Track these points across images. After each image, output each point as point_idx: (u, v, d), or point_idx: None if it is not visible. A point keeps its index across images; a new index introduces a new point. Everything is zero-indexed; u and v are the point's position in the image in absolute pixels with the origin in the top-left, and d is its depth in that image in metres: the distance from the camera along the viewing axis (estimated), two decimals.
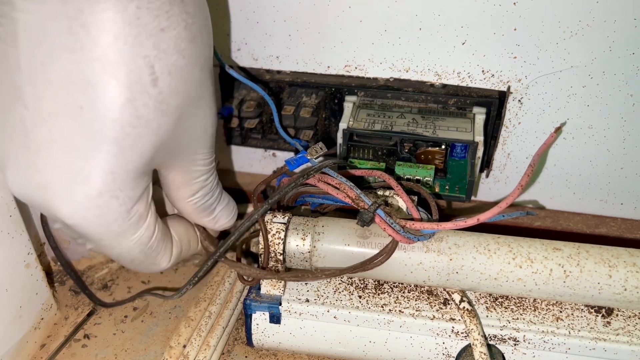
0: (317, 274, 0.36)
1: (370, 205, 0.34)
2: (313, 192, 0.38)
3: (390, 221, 0.34)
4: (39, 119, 0.28)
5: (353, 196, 0.35)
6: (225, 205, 0.38)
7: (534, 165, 0.36)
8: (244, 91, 0.46)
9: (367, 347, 0.39)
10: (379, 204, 0.34)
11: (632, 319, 0.37)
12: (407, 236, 0.34)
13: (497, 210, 0.33)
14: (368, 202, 0.35)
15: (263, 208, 0.36)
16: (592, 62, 0.39)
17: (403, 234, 0.34)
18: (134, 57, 0.27)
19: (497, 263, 0.35)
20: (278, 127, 0.44)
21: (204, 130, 0.33)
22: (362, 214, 0.34)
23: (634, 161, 0.44)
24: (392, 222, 0.34)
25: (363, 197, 0.35)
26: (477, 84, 0.42)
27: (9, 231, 0.38)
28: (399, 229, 0.34)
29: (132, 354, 0.41)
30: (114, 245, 0.32)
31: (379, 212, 0.34)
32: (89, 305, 0.45)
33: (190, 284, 0.38)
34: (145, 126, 0.29)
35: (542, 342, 0.37)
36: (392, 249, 0.35)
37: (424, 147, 0.42)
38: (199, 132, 0.33)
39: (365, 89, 0.43)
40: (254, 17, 0.43)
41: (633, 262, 0.35)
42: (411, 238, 0.34)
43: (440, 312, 0.38)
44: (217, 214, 0.38)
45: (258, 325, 0.39)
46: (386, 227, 0.34)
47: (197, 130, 0.33)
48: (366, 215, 0.34)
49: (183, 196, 0.35)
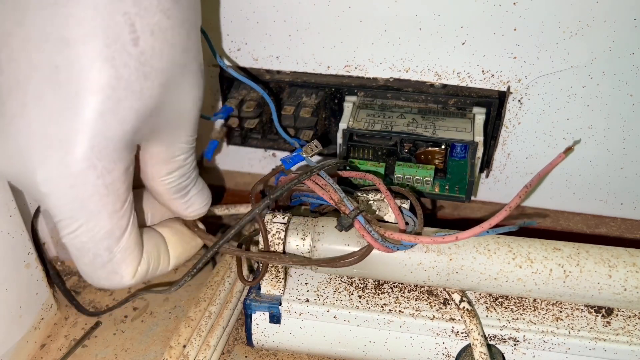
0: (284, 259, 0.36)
1: (351, 211, 0.34)
2: (304, 191, 0.38)
3: (370, 229, 0.34)
4: (13, 83, 0.27)
5: (336, 199, 0.35)
6: (199, 191, 0.36)
7: (529, 187, 0.34)
8: (244, 91, 0.46)
9: (367, 347, 0.39)
10: (360, 210, 0.34)
11: (632, 319, 0.37)
12: (385, 245, 0.34)
13: (478, 230, 0.32)
14: (350, 207, 0.35)
15: (264, 204, 0.36)
16: (592, 62, 0.39)
17: (381, 242, 0.34)
18: (112, 14, 0.26)
19: (497, 263, 0.35)
20: (277, 126, 0.44)
21: (191, 103, 0.32)
22: (342, 218, 0.34)
23: (634, 161, 0.44)
24: (371, 230, 0.34)
25: (346, 202, 0.35)
26: (477, 84, 0.42)
27: (9, 231, 0.38)
28: (377, 237, 0.34)
29: (132, 354, 0.41)
30: (84, 228, 0.29)
31: (359, 219, 0.34)
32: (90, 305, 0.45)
33: (189, 275, 0.37)
34: (126, 88, 0.27)
35: (542, 342, 0.37)
36: (365, 254, 0.35)
37: (424, 147, 0.42)
38: (185, 106, 0.31)
39: (365, 89, 0.43)
40: (254, 17, 0.43)
41: (633, 262, 0.35)
42: (390, 247, 0.35)
43: (440, 312, 0.38)
44: (191, 198, 0.36)
45: (258, 325, 0.39)
46: (365, 234, 0.34)
47: (183, 103, 0.31)
48: (345, 220, 0.34)
49: (159, 174, 0.33)
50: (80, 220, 0.29)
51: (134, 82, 0.27)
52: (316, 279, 0.40)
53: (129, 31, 0.26)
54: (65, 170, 0.27)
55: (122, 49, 0.26)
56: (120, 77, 0.27)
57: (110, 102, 0.27)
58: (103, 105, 0.27)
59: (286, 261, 0.36)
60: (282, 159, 0.40)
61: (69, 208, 0.29)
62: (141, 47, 0.27)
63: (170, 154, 0.33)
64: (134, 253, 0.32)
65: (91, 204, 0.29)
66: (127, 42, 0.27)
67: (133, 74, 0.27)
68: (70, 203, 0.28)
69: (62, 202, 0.28)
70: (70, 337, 0.42)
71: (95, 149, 0.27)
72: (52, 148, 0.27)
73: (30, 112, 0.27)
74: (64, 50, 0.26)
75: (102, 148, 0.28)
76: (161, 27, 0.28)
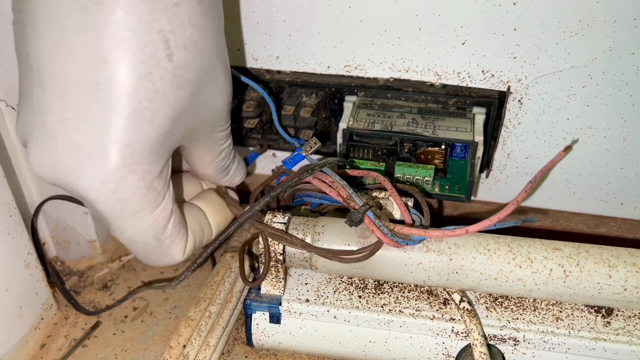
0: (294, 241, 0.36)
1: (361, 206, 0.34)
2: (309, 190, 0.38)
3: (379, 223, 0.34)
4: (55, 99, 0.29)
5: (345, 195, 0.36)
6: (238, 163, 0.40)
7: (534, 182, 0.35)
8: (244, 91, 0.46)
9: (367, 347, 0.39)
10: (369, 205, 0.34)
11: (632, 319, 0.37)
12: (395, 240, 0.34)
13: (487, 223, 0.33)
14: (359, 202, 0.35)
15: (264, 200, 0.36)
16: (592, 62, 0.39)
17: (391, 237, 0.34)
18: (149, 33, 0.28)
19: (497, 263, 0.35)
20: (277, 126, 0.44)
21: (222, 101, 0.34)
22: (352, 214, 0.35)
23: (634, 161, 0.44)
24: (380, 225, 0.34)
25: (355, 197, 0.35)
26: (477, 84, 0.42)
27: (9, 231, 0.38)
28: (387, 232, 0.34)
29: (132, 354, 0.41)
30: (130, 225, 0.32)
31: (369, 214, 0.34)
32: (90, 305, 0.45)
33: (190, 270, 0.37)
34: (162, 100, 0.29)
35: (542, 342, 0.37)
36: (374, 250, 0.35)
37: (424, 147, 0.42)
38: (217, 104, 0.34)
39: (365, 89, 0.43)
40: (254, 17, 0.43)
41: (633, 262, 0.35)
42: (399, 242, 0.35)
43: (440, 312, 0.38)
44: (233, 173, 0.40)
45: (258, 325, 0.39)
46: (374, 229, 0.34)
47: (213, 102, 0.34)
48: (355, 215, 0.34)
49: (206, 162, 0.37)
50: (125, 219, 0.31)
51: (169, 93, 0.29)
52: (316, 279, 0.40)
53: (164, 47, 0.29)
54: (107, 177, 0.30)
55: (158, 64, 0.29)
56: (157, 90, 0.29)
57: (148, 113, 0.29)
58: (141, 116, 0.29)
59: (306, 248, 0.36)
60: (283, 161, 0.40)
61: (114, 210, 0.31)
62: (175, 62, 0.29)
63: (212, 144, 0.36)
64: (180, 234, 0.35)
65: (134, 203, 0.31)
66: (162, 58, 0.29)
67: (168, 86, 0.29)
68: (114, 206, 0.31)
69: (107, 206, 0.30)
70: (70, 337, 0.42)
71: (135, 155, 0.30)
72: (94, 159, 0.29)
73: (71, 126, 0.29)
74: (103, 68, 0.28)
75: (141, 154, 0.30)
76: (192, 41, 0.30)
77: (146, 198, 0.31)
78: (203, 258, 0.37)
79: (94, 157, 0.29)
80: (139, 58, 0.28)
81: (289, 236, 0.36)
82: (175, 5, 0.28)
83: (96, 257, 0.48)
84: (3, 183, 0.37)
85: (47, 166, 0.30)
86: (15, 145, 0.42)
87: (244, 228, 0.47)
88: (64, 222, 0.46)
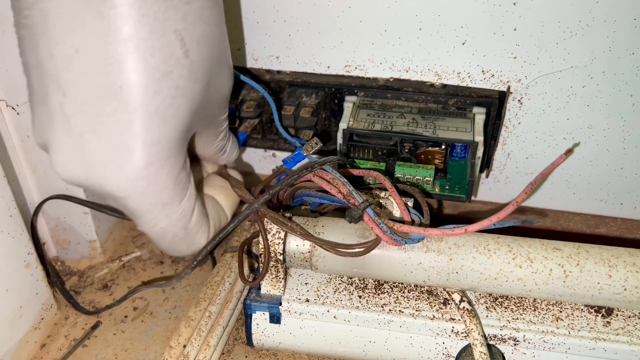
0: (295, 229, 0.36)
1: (360, 203, 0.35)
2: (309, 188, 0.38)
3: (378, 221, 0.34)
4: (78, 104, 0.29)
5: (345, 192, 0.36)
6: (232, 140, 0.41)
7: (535, 183, 0.35)
8: (244, 91, 0.46)
9: (367, 347, 0.39)
10: (369, 202, 0.35)
11: (632, 319, 0.37)
12: (394, 238, 0.34)
13: (486, 222, 0.33)
14: (359, 199, 0.35)
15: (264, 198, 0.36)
16: (592, 62, 0.39)
17: (390, 235, 0.34)
18: (165, 33, 0.28)
19: (497, 263, 0.35)
20: (278, 126, 0.44)
21: (227, 89, 0.35)
22: (352, 210, 0.35)
23: (634, 161, 0.44)
24: (379, 222, 0.34)
25: (354, 194, 0.35)
26: (477, 84, 0.42)
27: (9, 231, 0.38)
28: (386, 229, 0.34)
29: (132, 354, 0.41)
30: (160, 218, 0.33)
31: (368, 211, 0.34)
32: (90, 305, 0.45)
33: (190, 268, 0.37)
34: (183, 95, 0.30)
35: (542, 342, 0.37)
36: (372, 246, 0.35)
37: (424, 147, 0.42)
38: (223, 92, 0.35)
39: (365, 89, 0.43)
40: (254, 17, 0.43)
41: (633, 262, 0.35)
42: (398, 240, 0.35)
43: (440, 312, 0.38)
44: (228, 150, 0.41)
45: (258, 325, 0.39)
46: (373, 226, 0.34)
47: (220, 91, 0.35)
48: (355, 212, 0.34)
49: (208, 144, 0.38)
50: (157, 212, 0.32)
51: (188, 88, 0.30)
52: (316, 279, 0.40)
53: (180, 46, 0.29)
54: (139, 174, 0.30)
55: (176, 62, 0.29)
56: (177, 87, 0.30)
57: (171, 110, 0.30)
58: (165, 113, 0.30)
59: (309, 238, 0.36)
60: (283, 160, 0.40)
61: (146, 204, 0.32)
62: (191, 57, 0.30)
63: (214, 127, 0.37)
64: (203, 222, 0.36)
65: (164, 197, 0.32)
66: (180, 55, 0.29)
67: (187, 82, 0.30)
68: (146, 201, 0.31)
69: (140, 202, 0.31)
70: (70, 337, 0.42)
71: (162, 151, 0.30)
72: (125, 159, 0.30)
73: (98, 128, 0.29)
74: (124, 72, 0.28)
75: (168, 149, 0.31)
76: (204, 35, 0.31)
77: (174, 190, 0.32)
78: (203, 256, 0.37)
79: (124, 157, 0.30)
80: (159, 59, 0.28)
81: (290, 222, 0.36)
82: (186, 3, 0.29)
83: (96, 257, 0.48)
84: (3, 183, 0.37)
85: (76, 170, 0.30)
86: (15, 145, 0.42)
87: (243, 228, 0.47)
88: (64, 222, 0.46)
